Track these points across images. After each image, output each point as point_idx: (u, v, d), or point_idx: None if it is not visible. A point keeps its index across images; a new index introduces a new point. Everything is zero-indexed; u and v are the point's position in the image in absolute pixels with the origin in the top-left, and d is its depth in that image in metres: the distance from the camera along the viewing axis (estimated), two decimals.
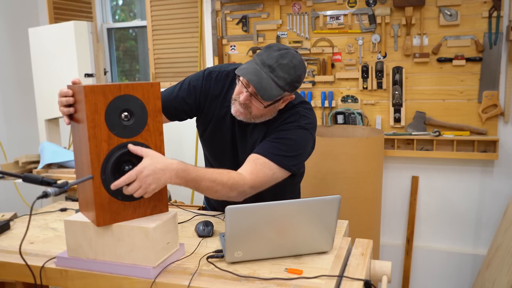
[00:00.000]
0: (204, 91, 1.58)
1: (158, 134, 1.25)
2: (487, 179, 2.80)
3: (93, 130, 1.15)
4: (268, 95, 1.37)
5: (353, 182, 2.52)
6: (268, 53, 1.39)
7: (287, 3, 3.02)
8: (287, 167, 1.43)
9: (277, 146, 1.43)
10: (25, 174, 1.17)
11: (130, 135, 1.21)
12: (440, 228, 2.94)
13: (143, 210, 1.25)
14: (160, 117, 1.24)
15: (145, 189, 1.19)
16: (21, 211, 1.99)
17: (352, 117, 2.94)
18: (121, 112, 1.19)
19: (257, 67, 1.39)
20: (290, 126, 1.48)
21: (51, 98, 2.77)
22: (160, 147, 1.25)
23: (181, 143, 3.45)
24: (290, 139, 1.45)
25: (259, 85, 1.36)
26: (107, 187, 1.19)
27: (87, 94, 1.13)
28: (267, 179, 1.41)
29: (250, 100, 1.42)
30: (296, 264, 1.24)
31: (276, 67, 1.37)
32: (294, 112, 1.50)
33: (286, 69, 1.38)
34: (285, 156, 1.42)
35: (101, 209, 1.19)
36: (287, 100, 1.48)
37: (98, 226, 1.20)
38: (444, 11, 2.70)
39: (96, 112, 1.15)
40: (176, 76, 3.44)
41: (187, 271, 1.21)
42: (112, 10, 3.89)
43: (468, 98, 2.74)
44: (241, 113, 1.46)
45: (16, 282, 1.44)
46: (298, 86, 1.46)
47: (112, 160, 1.18)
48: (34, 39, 2.81)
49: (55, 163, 2.62)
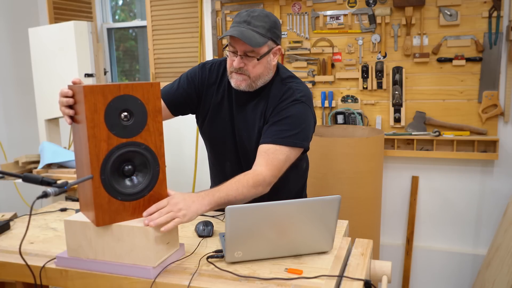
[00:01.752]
0: (201, 81, 1.64)
1: (158, 134, 1.24)
2: (487, 179, 2.80)
3: (92, 130, 1.15)
4: (254, 42, 1.43)
5: (353, 182, 2.52)
6: (239, 15, 1.50)
7: (287, 3, 3.02)
8: (297, 144, 1.48)
9: (280, 128, 1.47)
10: (25, 174, 1.17)
11: (130, 135, 1.20)
12: (440, 228, 2.94)
13: (143, 211, 1.24)
14: (160, 117, 1.24)
15: (175, 213, 1.20)
16: (21, 211, 1.99)
17: (352, 117, 2.94)
18: (121, 112, 1.19)
19: (235, 26, 1.47)
20: (286, 104, 1.51)
21: (51, 98, 2.77)
22: (160, 147, 1.25)
23: (181, 143, 3.45)
24: (290, 116, 1.49)
25: (242, 35, 1.42)
26: (106, 187, 1.19)
27: (87, 94, 1.14)
28: (282, 163, 1.46)
29: (244, 63, 1.48)
30: (296, 264, 1.24)
31: (251, 19, 1.46)
32: (286, 88, 1.55)
33: (260, 18, 1.47)
34: (291, 135, 1.47)
35: (100, 209, 1.19)
36: (276, 53, 1.53)
37: (97, 226, 1.20)
38: (444, 11, 2.70)
39: (95, 112, 1.15)
40: (176, 76, 3.42)
41: (187, 271, 1.21)
42: (112, 10, 3.89)
43: (468, 98, 2.74)
44: (241, 81, 1.51)
45: (16, 282, 1.44)
46: (278, 34, 1.53)
47: (111, 160, 1.18)
48: (34, 39, 2.81)
49: (55, 163, 2.62)
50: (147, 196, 1.24)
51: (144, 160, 1.23)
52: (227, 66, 1.56)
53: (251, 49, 1.46)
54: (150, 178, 1.24)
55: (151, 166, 1.23)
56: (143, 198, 1.24)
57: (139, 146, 1.22)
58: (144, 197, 1.24)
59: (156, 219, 1.18)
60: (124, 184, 1.22)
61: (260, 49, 1.47)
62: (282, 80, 1.58)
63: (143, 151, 1.22)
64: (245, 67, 1.49)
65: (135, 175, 1.24)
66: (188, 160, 3.42)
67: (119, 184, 1.21)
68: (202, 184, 3.38)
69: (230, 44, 1.50)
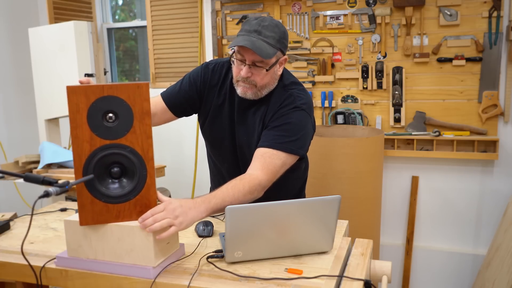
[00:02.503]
0: (203, 81, 1.64)
1: (146, 137, 1.19)
2: (487, 179, 2.80)
3: (75, 130, 1.16)
4: (265, 53, 1.42)
5: (353, 182, 2.52)
6: (249, 23, 1.47)
7: (287, 3, 3.02)
8: (294, 151, 1.48)
9: (278, 134, 1.47)
10: (27, 174, 1.17)
11: (114, 137, 1.18)
12: (440, 228, 2.94)
13: (128, 215, 1.21)
14: (148, 119, 1.19)
15: (172, 220, 1.18)
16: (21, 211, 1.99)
17: (352, 117, 2.94)
18: (105, 114, 1.17)
19: (245, 36, 1.45)
20: (286, 110, 1.51)
21: (51, 98, 2.77)
22: (148, 150, 1.20)
23: (181, 143, 3.45)
24: (290, 123, 1.49)
25: (253, 46, 1.41)
26: (89, 188, 1.18)
27: (69, 95, 1.14)
28: (278, 168, 1.45)
29: (251, 72, 1.47)
30: (296, 264, 1.24)
31: (261, 29, 1.44)
32: (287, 95, 1.54)
33: (270, 28, 1.45)
34: (289, 142, 1.47)
35: (83, 209, 1.19)
36: (282, 63, 1.54)
37: (80, 225, 1.21)
38: (444, 11, 2.70)
39: (77, 112, 1.15)
40: (176, 76, 3.44)
41: (187, 271, 1.21)
42: (112, 10, 3.89)
43: (468, 98, 2.74)
44: (247, 89, 1.50)
45: (16, 282, 1.44)
46: (286, 44, 1.52)
47: (94, 162, 1.17)
48: (34, 39, 2.81)
49: (55, 163, 2.62)
50: (133, 200, 1.21)
51: (130, 163, 1.20)
52: (233, 73, 1.54)
53: (260, 59, 1.45)
54: (136, 182, 1.20)
55: (137, 169, 1.19)
56: (128, 202, 1.21)
57: (124, 149, 1.18)
58: (130, 201, 1.21)
59: (152, 225, 1.16)
60: (109, 186, 1.21)
61: (270, 60, 1.46)
62: (284, 86, 1.57)
63: (128, 154, 1.19)
64: (252, 76, 1.48)
65: (123, 178, 1.21)
66: (188, 160, 3.42)
67: (104, 185, 1.20)
68: (202, 184, 3.38)
69: (238, 52, 1.48)
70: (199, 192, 3.39)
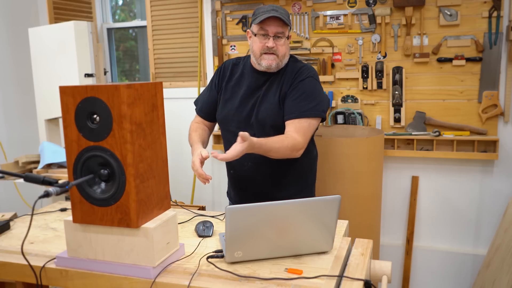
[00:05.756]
0: (221, 78, 1.93)
1: (123, 142, 1.14)
2: (487, 179, 2.80)
3: (65, 130, 1.19)
4: (287, 19, 1.73)
5: (353, 182, 2.52)
6: (262, 8, 1.76)
7: (287, 3, 3.02)
8: (317, 114, 1.74)
9: (299, 103, 1.73)
10: (27, 174, 1.17)
11: (97, 139, 1.17)
12: (440, 228, 2.94)
13: (110, 220, 1.19)
14: (126, 123, 1.14)
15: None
16: (21, 211, 1.99)
17: (352, 117, 2.94)
18: (90, 115, 1.16)
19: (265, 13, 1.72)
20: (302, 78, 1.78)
21: (51, 98, 2.77)
22: (126, 156, 1.14)
23: (181, 143, 3.45)
24: (306, 91, 1.76)
25: (280, 15, 1.70)
26: (79, 187, 1.20)
27: (61, 95, 1.17)
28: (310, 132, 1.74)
29: (275, 43, 1.74)
30: (296, 264, 1.24)
31: (277, 8, 1.74)
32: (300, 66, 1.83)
33: (281, 9, 1.76)
34: (311, 108, 1.73)
35: (74, 207, 1.23)
36: (290, 36, 1.83)
37: (73, 222, 1.23)
38: (444, 11, 2.70)
39: (67, 112, 1.18)
40: (176, 76, 3.44)
41: (187, 271, 1.21)
42: (112, 10, 3.89)
43: (468, 98, 2.74)
44: (272, 61, 1.76)
45: (16, 282, 1.44)
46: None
47: (81, 162, 1.19)
48: (34, 39, 2.81)
49: (55, 163, 2.62)
50: (114, 206, 1.18)
51: (111, 167, 1.17)
52: (255, 50, 1.78)
53: (281, 30, 1.73)
54: (116, 188, 1.17)
55: (116, 174, 1.17)
56: (110, 207, 1.19)
57: (105, 152, 1.16)
58: (112, 206, 1.18)
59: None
60: (95, 188, 1.20)
61: (287, 30, 1.77)
62: (295, 60, 1.86)
63: (108, 157, 1.16)
64: (275, 47, 1.74)
65: (109, 181, 1.19)
66: (188, 160, 3.42)
67: (91, 186, 1.20)
68: (202, 184, 3.37)
69: (261, 28, 1.73)
70: (199, 192, 3.39)
